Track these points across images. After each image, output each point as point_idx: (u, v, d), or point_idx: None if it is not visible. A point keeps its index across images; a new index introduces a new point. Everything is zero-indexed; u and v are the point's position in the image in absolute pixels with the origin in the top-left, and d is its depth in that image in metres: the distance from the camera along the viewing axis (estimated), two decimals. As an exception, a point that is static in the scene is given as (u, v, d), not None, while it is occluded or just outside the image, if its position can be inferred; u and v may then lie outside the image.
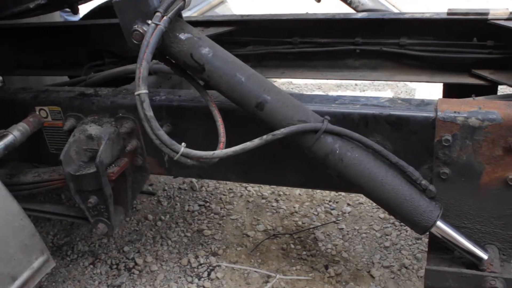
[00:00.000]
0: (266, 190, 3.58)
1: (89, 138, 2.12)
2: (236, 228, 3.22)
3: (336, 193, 3.49)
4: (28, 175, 2.32)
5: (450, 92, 2.72)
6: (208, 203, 3.49)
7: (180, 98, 2.09)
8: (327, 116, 1.74)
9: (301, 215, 3.30)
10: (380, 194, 1.73)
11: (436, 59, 2.66)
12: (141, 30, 1.67)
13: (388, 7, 3.21)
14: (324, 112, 1.85)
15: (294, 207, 3.38)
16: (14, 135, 2.17)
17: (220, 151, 1.71)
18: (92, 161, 2.08)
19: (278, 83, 5.56)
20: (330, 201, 3.42)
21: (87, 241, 3.20)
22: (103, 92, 2.26)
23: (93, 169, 2.05)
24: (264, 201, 3.47)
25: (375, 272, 2.76)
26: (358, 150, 1.73)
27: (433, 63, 2.68)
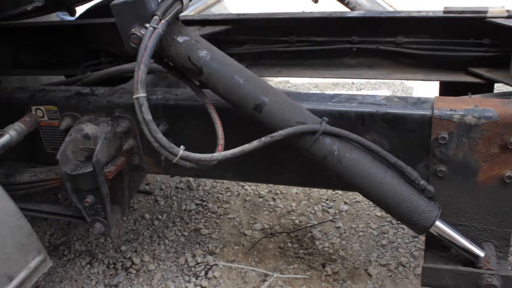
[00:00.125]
0: (263, 189, 3.58)
1: (86, 138, 2.11)
2: (233, 227, 3.22)
3: (333, 192, 3.49)
4: (25, 175, 2.31)
5: (447, 90, 2.72)
6: (205, 202, 3.49)
7: (177, 97, 2.09)
8: (325, 118, 1.74)
9: (298, 214, 3.30)
10: (379, 195, 1.74)
11: (433, 57, 2.66)
12: (139, 34, 1.68)
13: (386, 8, 3.21)
14: (321, 111, 1.85)
15: (291, 206, 3.38)
16: (11, 135, 2.17)
17: (219, 154, 1.71)
18: (89, 161, 2.07)
19: (275, 82, 5.56)
20: (327, 200, 3.43)
21: (84, 241, 3.20)
22: (100, 92, 2.25)
23: (90, 169, 2.05)
24: (261, 200, 3.47)
25: (372, 271, 2.76)
26: (357, 151, 1.73)
27: (430, 61, 2.68)
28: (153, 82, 2.53)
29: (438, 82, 2.75)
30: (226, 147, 1.74)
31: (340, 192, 3.47)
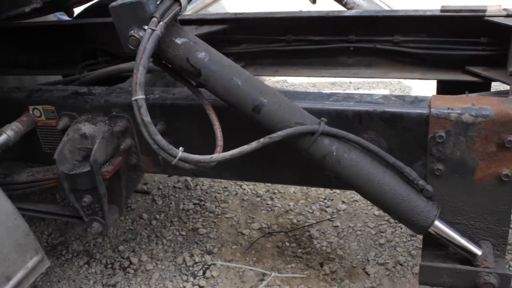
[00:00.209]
0: (261, 188, 3.58)
1: (83, 137, 2.11)
2: (231, 227, 3.22)
3: (331, 191, 3.49)
4: (22, 175, 2.31)
5: (444, 89, 2.72)
6: (203, 202, 3.49)
7: (174, 96, 2.09)
8: (324, 118, 1.74)
9: (296, 213, 3.30)
10: (378, 195, 1.74)
11: (430, 56, 2.67)
12: (137, 36, 1.68)
13: (383, 8, 3.22)
14: (318, 110, 1.86)
15: (289, 205, 3.38)
16: (8, 135, 2.16)
17: (218, 155, 1.71)
18: (86, 160, 2.07)
19: (272, 81, 5.57)
20: (325, 199, 3.43)
21: (82, 241, 3.20)
22: (97, 91, 2.25)
23: (87, 168, 2.05)
24: (259, 199, 3.47)
25: (370, 269, 2.76)
26: (355, 152, 1.73)
27: (427, 60, 2.69)
28: (151, 82, 2.53)
29: (436, 81, 2.75)
30: (225, 145, 1.75)
31: (338, 191, 3.48)
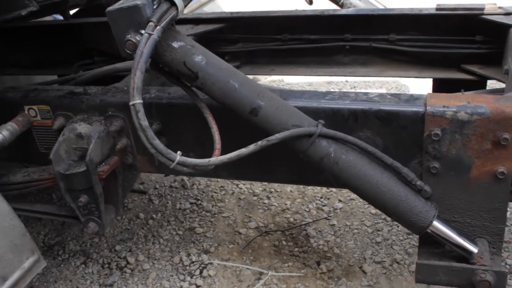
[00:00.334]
0: (258, 187, 3.58)
1: (79, 137, 2.10)
2: (228, 226, 3.22)
3: (328, 190, 3.50)
4: (18, 175, 2.30)
5: (440, 88, 2.73)
6: (200, 201, 3.49)
7: (170, 96, 2.09)
8: (321, 120, 1.74)
9: (293, 212, 3.30)
10: (376, 196, 1.74)
11: (426, 55, 2.68)
12: (134, 40, 1.68)
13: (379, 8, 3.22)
14: (314, 108, 1.86)
15: (286, 204, 3.38)
16: (3, 135, 2.16)
17: (216, 159, 1.71)
18: (82, 160, 2.07)
19: (269, 81, 5.57)
20: (322, 198, 3.43)
21: (79, 241, 3.19)
22: (92, 91, 2.25)
23: (83, 168, 2.04)
24: (256, 198, 3.47)
25: (367, 268, 2.76)
26: (353, 153, 1.73)
27: (423, 59, 2.70)
28: (147, 81, 2.53)
29: (431, 79, 2.76)
30: (222, 143, 1.75)
31: (335, 190, 3.48)
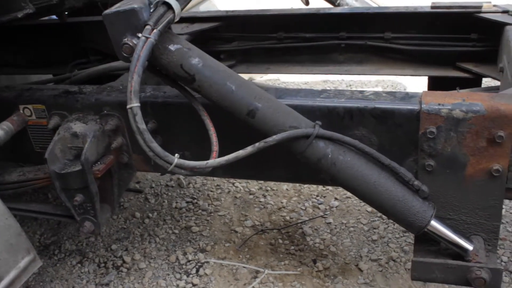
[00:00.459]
0: (254, 186, 3.58)
1: (74, 136, 2.10)
2: (224, 224, 3.22)
3: (324, 188, 3.50)
4: (13, 174, 2.29)
5: (435, 85, 2.73)
6: (196, 200, 3.48)
7: (165, 95, 2.09)
8: (318, 121, 1.74)
9: (289, 210, 3.30)
10: (374, 196, 1.74)
11: (421, 53, 2.68)
12: (131, 43, 1.68)
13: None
14: (309, 106, 1.86)
15: (282, 202, 3.38)
16: (-2, 134, 2.15)
17: (214, 161, 1.72)
18: (78, 159, 2.06)
19: (265, 80, 5.57)
20: (318, 196, 3.43)
21: (75, 240, 3.19)
22: (88, 90, 2.24)
23: (79, 167, 2.04)
24: (252, 197, 3.47)
25: (363, 266, 2.77)
26: (350, 154, 1.73)
27: (418, 57, 2.70)
28: (142, 80, 2.52)
29: (427, 77, 2.76)
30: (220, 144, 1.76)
31: (331, 188, 3.48)
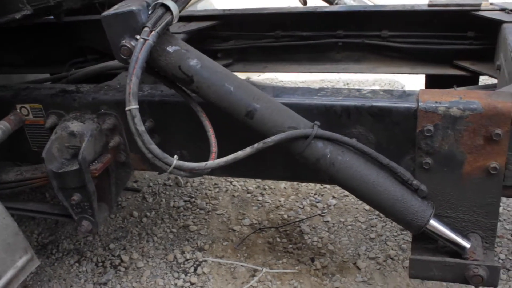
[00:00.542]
0: (251, 185, 3.58)
1: (71, 135, 2.10)
2: (222, 223, 3.22)
3: (321, 186, 3.50)
4: (10, 174, 2.29)
5: (433, 83, 2.74)
6: (194, 199, 3.48)
7: (162, 93, 2.08)
8: (317, 122, 1.74)
9: (287, 209, 3.31)
10: (373, 196, 1.74)
11: (418, 51, 2.68)
12: (129, 45, 1.68)
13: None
14: (307, 105, 1.86)
15: (280, 201, 3.38)
16: (-5, 133, 2.15)
17: (212, 162, 1.72)
18: (75, 158, 2.06)
19: (262, 79, 5.56)
20: (315, 194, 3.43)
21: (72, 239, 3.18)
22: (85, 89, 2.24)
23: (76, 166, 2.03)
24: (250, 196, 3.47)
25: (361, 264, 2.77)
26: (349, 154, 1.73)
27: (415, 55, 2.70)
28: (139, 80, 2.52)
29: (424, 76, 2.77)
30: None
31: (328, 187, 3.48)
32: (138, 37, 1.66)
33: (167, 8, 1.73)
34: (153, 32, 1.66)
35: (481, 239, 1.81)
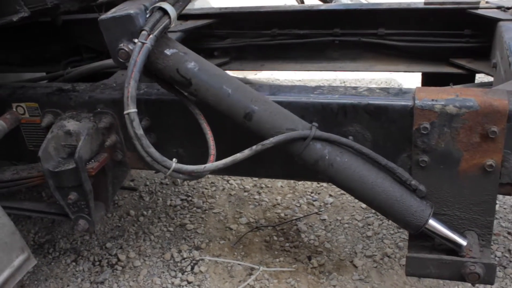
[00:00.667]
0: (248, 183, 3.58)
1: (68, 134, 2.09)
2: (219, 222, 3.22)
3: (318, 184, 3.50)
4: (6, 173, 2.28)
5: (429, 81, 2.75)
6: (190, 197, 3.48)
7: (159, 92, 2.08)
8: (315, 123, 1.74)
9: (284, 207, 3.31)
10: (371, 197, 1.75)
11: (415, 49, 2.68)
12: (127, 49, 1.69)
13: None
14: (303, 103, 1.86)
15: (277, 199, 3.38)
16: (-9, 132, 2.14)
17: (211, 164, 1.72)
18: (71, 157, 2.05)
19: (259, 77, 5.56)
20: (312, 193, 3.43)
21: (69, 239, 3.18)
22: (81, 87, 2.23)
23: (72, 165, 2.03)
24: (246, 194, 3.47)
25: (358, 262, 2.77)
26: (347, 155, 1.74)
27: (412, 53, 2.70)
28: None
29: (420, 74, 2.77)
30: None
31: (325, 185, 3.49)
32: (136, 41, 1.66)
33: (165, 12, 1.74)
34: (151, 36, 1.67)
35: (478, 237, 1.82)
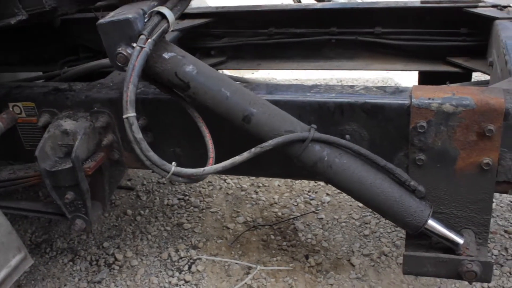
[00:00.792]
0: (245, 182, 3.58)
1: (64, 133, 2.09)
2: (216, 221, 3.22)
3: (315, 183, 3.50)
4: (3, 173, 2.28)
5: (426, 80, 2.75)
6: (188, 197, 3.48)
7: (156, 91, 2.08)
8: (314, 125, 1.75)
9: (281, 206, 3.31)
10: (370, 198, 1.75)
11: (411, 48, 2.69)
12: (125, 53, 1.69)
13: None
14: (300, 102, 1.86)
15: (274, 198, 3.39)
16: (-12, 132, 2.14)
17: (210, 167, 1.73)
18: (68, 157, 2.05)
19: (255, 76, 5.56)
20: (309, 191, 3.44)
21: (66, 238, 3.17)
22: (78, 87, 2.23)
23: (69, 165, 2.02)
24: (244, 193, 3.47)
25: (355, 261, 2.78)
26: (346, 156, 1.74)
27: (408, 52, 2.71)
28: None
29: (417, 72, 2.77)
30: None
31: (322, 184, 3.49)
32: (135, 45, 1.66)
33: (163, 16, 1.74)
34: (150, 40, 1.67)
35: (475, 235, 1.82)
